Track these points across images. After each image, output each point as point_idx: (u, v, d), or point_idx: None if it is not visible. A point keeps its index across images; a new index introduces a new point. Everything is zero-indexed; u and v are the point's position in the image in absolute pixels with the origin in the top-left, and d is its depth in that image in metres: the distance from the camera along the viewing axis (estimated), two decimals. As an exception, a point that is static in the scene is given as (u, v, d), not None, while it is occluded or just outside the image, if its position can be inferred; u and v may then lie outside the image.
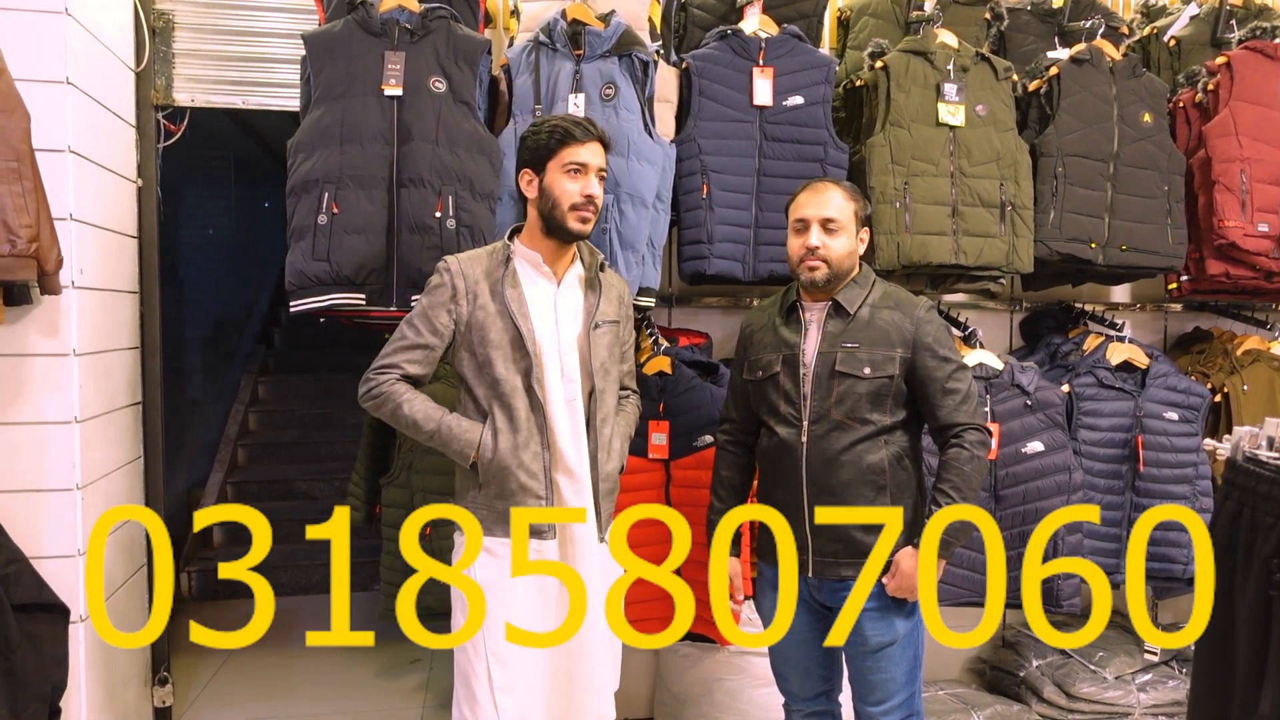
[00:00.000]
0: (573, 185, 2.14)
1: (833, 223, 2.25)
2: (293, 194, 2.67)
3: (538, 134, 2.15)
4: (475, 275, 2.16)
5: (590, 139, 2.16)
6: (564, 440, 2.17)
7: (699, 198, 2.96)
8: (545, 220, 2.16)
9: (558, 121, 2.16)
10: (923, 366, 2.22)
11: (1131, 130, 3.21)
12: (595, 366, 2.20)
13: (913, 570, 2.18)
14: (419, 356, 2.15)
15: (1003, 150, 3.08)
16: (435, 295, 2.16)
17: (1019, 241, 3.08)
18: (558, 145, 2.13)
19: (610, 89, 2.80)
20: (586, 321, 2.22)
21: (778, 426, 2.28)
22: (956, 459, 2.19)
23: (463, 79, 2.74)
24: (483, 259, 2.20)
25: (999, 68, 3.13)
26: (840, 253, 2.25)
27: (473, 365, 2.16)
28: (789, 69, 3.03)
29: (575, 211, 2.14)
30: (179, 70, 3.23)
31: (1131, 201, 3.20)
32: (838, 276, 2.26)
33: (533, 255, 2.20)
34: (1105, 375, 3.23)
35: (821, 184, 2.31)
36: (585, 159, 2.15)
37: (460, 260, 2.18)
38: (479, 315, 2.14)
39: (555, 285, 2.22)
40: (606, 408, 2.25)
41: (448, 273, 2.17)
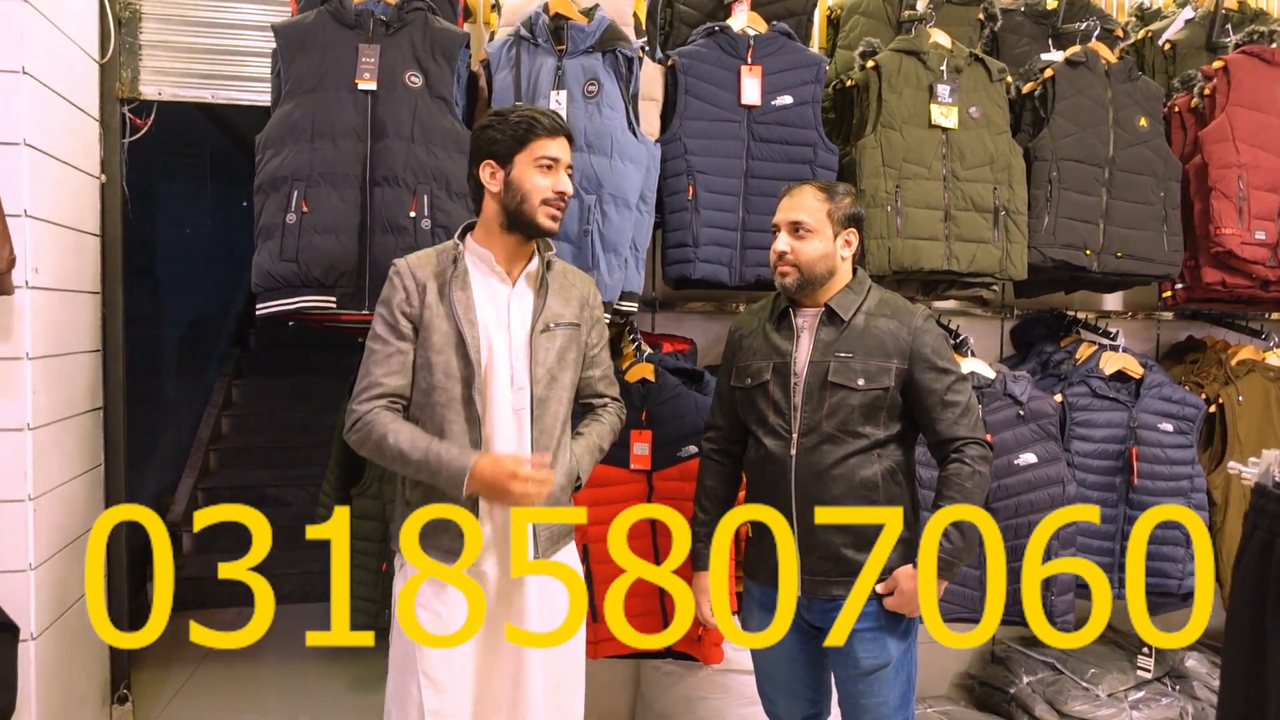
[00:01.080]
0: (544, 180, 2.02)
1: (801, 226, 2.15)
2: (260, 191, 2.56)
3: (502, 124, 2.01)
4: (424, 276, 2.03)
5: (560, 133, 2.04)
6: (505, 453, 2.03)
7: (684, 199, 2.86)
8: (511, 215, 2.03)
9: (526, 112, 2.03)
10: (920, 378, 2.12)
11: (1127, 134, 3.13)
12: (538, 374, 2.04)
13: (913, 589, 2.08)
14: (396, 365, 2.01)
15: (996, 153, 3.00)
16: (391, 301, 2.03)
17: (1013, 247, 3.00)
18: (527, 137, 2.00)
19: (593, 85, 2.70)
20: (533, 323, 2.07)
21: (766, 438, 2.19)
22: (957, 474, 2.10)
23: (440, 74, 2.63)
24: (432, 259, 2.06)
25: (993, 69, 3.05)
26: (810, 256, 2.15)
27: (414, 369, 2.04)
28: (778, 67, 2.94)
29: (546, 207, 2.02)
30: (145, 62, 3.11)
31: (1127, 207, 3.13)
32: (810, 282, 2.16)
33: (485, 254, 2.05)
34: (1099, 385, 3.15)
35: (799, 186, 2.22)
36: (556, 153, 2.02)
37: (410, 261, 2.06)
38: (426, 316, 2.01)
39: (509, 286, 2.08)
40: (549, 418, 2.07)
41: (398, 275, 2.04)
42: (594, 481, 2.76)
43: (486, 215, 2.06)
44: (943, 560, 2.07)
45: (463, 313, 1.99)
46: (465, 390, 1.99)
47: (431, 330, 1.99)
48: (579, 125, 2.67)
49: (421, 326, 2.00)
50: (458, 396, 1.99)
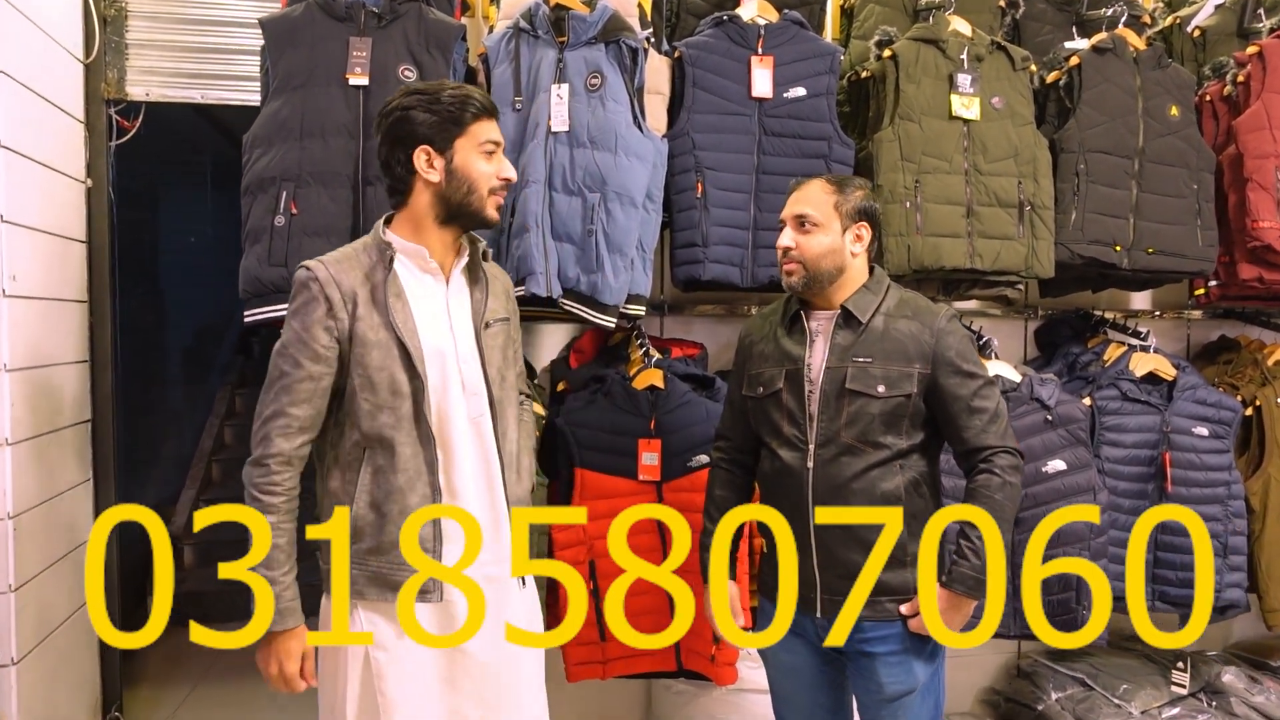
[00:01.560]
0: (488, 167, 1.84)
1: (806, 219, 2.02)
2: (248, 193, 2.44)
3: (433, 104, 1.80)
4: (350, 282, 1.80)
5: (495, 112, 1.87)
6: (464, 470, 1.87)
7: (693, 197, 2.73)
8: (453, 207, 1.85)
9: (456, 90, 1.82)
10: (945, 383, 1.98)
11: (1158, 124, 2.99)
12: (491, 374, 1.90)
13: (942, 610, 1.95)
14: (304, 393, 1.77)
15: (1021, 146, 2.86)
16: (306, 313, 1.78)
17: (1039, 244, 2.86)
18: (464, 119, 1.81)
19: (596, 78, 2.57)
20: (476, 322, 1.91)
21: (780, 449, 2.05)
22: (986, 486, 1.96)
23: (435, 67, 2.50)
24: (356, 260, 1.83)
25: (1016, 57, 2.91)
26: (815, 252, 2.01)
27: (350, 391, 1.81)
28: (790, 58, 2.80)
29: (493, 196, 1.87)
30: (132, 62, 3.00)
31: (1158, 201, 2.99)
32: (816, 279, 2.02)
33: (416, 250, 1.85)
34: (1129, 388, 3.01)
35: (808, 179, 2.09)
36: (499, 135, 1.86)
37: (328, 265, 1.80)
38: (359, 330, 1.79)
39: (445, 283, 1.89)
40: (508, 420, 1.95)
41: (315, 283, 1.78)
42: (600, 493, 2.65)
43: (417, 207, 1.86)
44: (972, 579, 1.94)
45: (401, 321, 1.80)
46: (415, 407, 1.81)
47: (367, 345, 1.79)
48: (582, 120, 2.54)
49: (354, 342, 1.79)
50: (407, 415, 1.80)
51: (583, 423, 2.69)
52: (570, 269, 2.54)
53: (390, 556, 1.81)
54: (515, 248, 2.53)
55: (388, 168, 1.85)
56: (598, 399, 2.72)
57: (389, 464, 1.80)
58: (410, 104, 1.81)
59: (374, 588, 1.81)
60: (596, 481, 2.65)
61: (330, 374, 1.80)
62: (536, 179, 2.53)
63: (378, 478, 1.80)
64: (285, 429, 1.77)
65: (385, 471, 1.80)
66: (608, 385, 2.72)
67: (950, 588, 1.94)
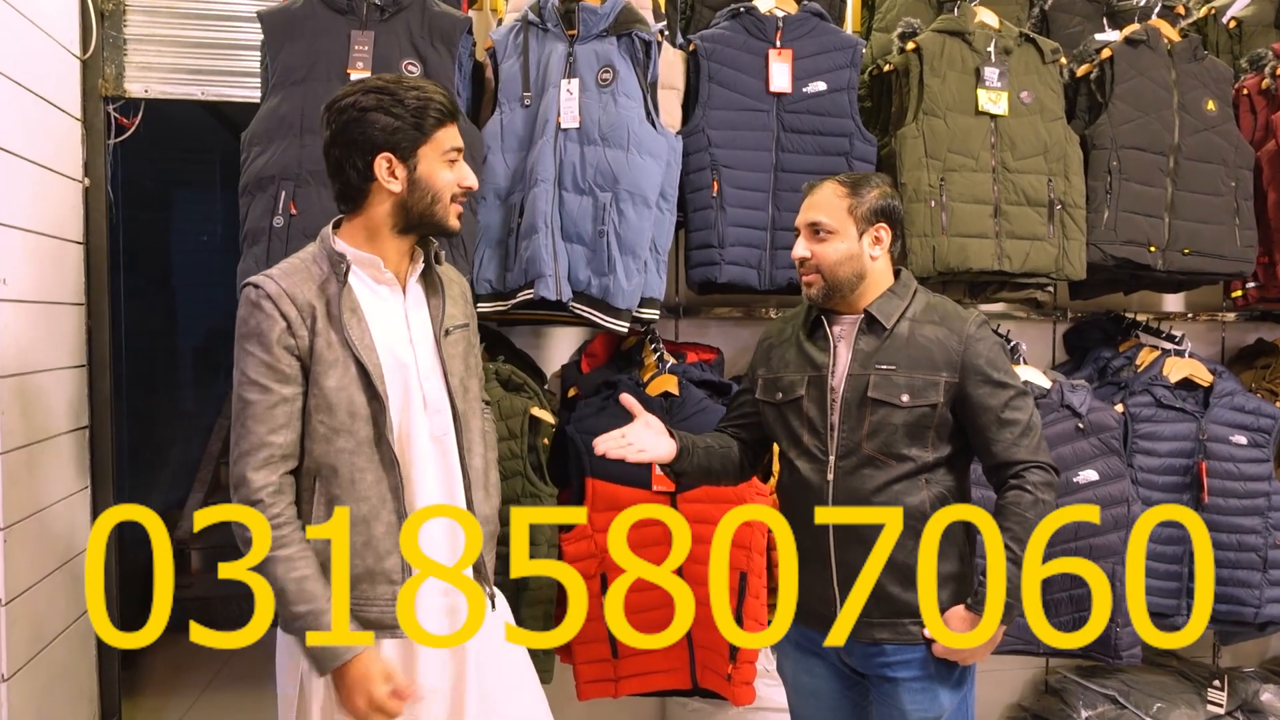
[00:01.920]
0: (451, 175, 1.72)
1: (820, 227, 1.91)
2: (245, 193, 2.36)
3: (395, 106, 1.66)
4: (306, 297, 1.66)
5: (456, 115, 1.76)
6: (426, 494, 1.75)
7: (708, 196, 2.62)
8: (414, 217, 1.73)
9: (425, 91, 1.69)
10: (974, 393, 1.87)
11: (1194, 119, 2.87)
12: (454, 386, 1.79)
13: (967, 635, 1.84)
14: (282, 418, 1.64)
15: (1051, 142, 2.75)
16: (268, 335, 1.63)
17: (1070, 244, 2.74)
18: (427, 124, 1.68)
19: (608, 73, 2.47)
20: (436, 331, 1.79)
21: (799, 460, 1.94)
22: (1017, 503, 1.84)
23: (439, 61, 2.41)
24: (307, 273, 1.69)
25: (1046, 49, 2.80)
26: (832, 259, 1.90)
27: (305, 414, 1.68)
28: (810, 51, 2.69)
29: (455, 205, 1.76)
30: (131, 57, 2.91)
31: (1195, 199, 2.86)
32: (836, 289, 1.92)
33: (370, 259, 1.72)
34: (1164, 394, 2.89)
35: (820, 182, 1.98)
36: (459, 143, 1.74)
37: (278, 279, 1.66)
38: (318, 347, 1.66)
39: (401, 293, 1.77)
40: (473, 433, 1.84)
41: (268, 300, 1.64)
42: (612, 504, 2.56)
43: (374, 216, 1.72)
44: (1005, 604, 1.82)
45: (358, 337, 1.68)
46: (375, 430, 1.69)
47: (325, 364, 1.66)
48: (593, 115, 2.45)
49: (313, 360, 1.66)
50: (367, 439, 1.68)
51: (594, 430, 2.56)
52: (581, 271, 2.45)
53: (357, 591, 1.69)
54: (524, 249, 2.44)
55: (339, 171, 1.71)
56: (610, 405, 2.62)
57: (347, 493, 1.68)
58: (369, 104, 1.67)
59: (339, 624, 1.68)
60: (608, 492, 2.56)
61: (301, 395, 1.67)
62: (546, 178, 2.43)
63: (332, 509, 1.68)
64: (268, 460, 1.64)
65: (342, 502, 1.68)
66: (620, 391, 2.61)
67: (978, 612, 1.83)
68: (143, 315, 5.01)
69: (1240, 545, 2.86)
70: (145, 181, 5.24)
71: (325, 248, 1.72)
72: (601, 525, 2.56)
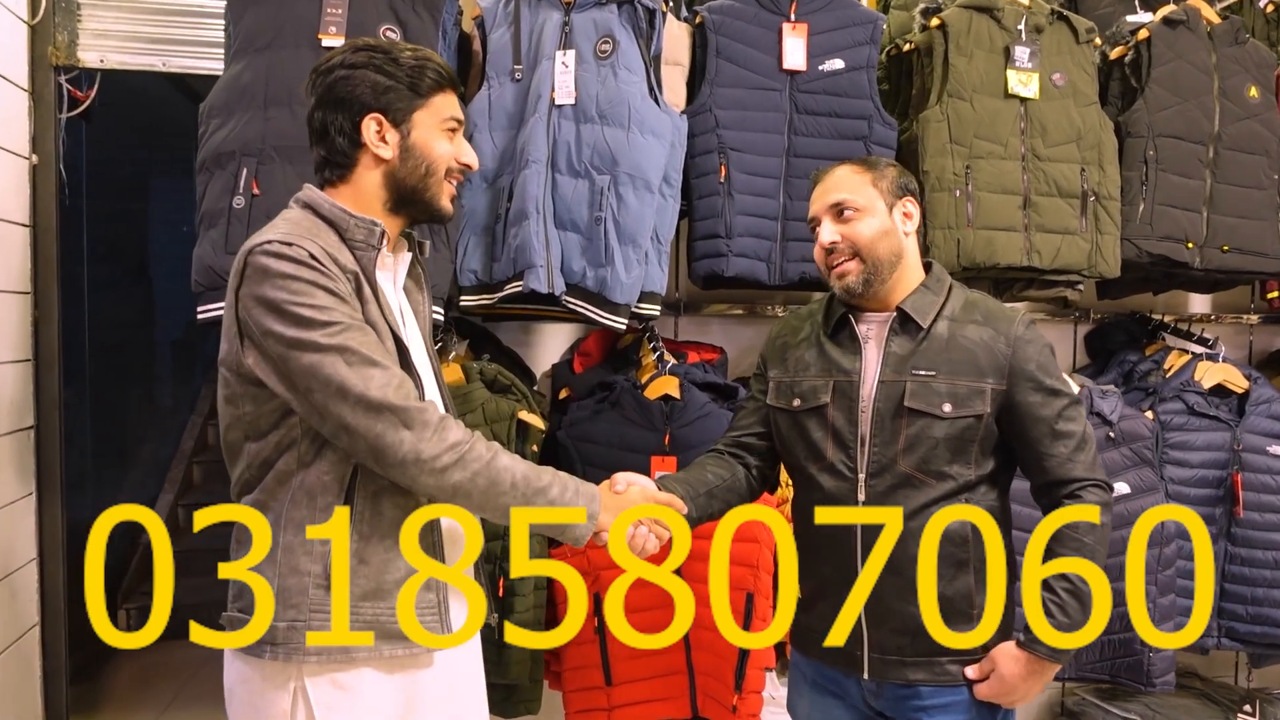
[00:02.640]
0: (449, 148, 1.54)
1: (845, 204, 1.71)
2: (203, 169, 2.14)
3: (390, 65, 1.49)
4: (345, 262, 1.44)
5: (457, 84, 1.58)
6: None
7: (715, 182, 2.41)
8: (405, 191, 1.53)
9: (423, 53, 1.53)
10: (1024, 402, 1.66)
11: (1235, 107, 2.67)
12: (444, 392, 1.64)
13: (1016, 675, 1.63)
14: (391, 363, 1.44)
15: (1084, 128, 2.54)
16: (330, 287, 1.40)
17: (1104, 239, 2.54)
18: (424, 87, 1.50)
19: (607, 44, 2.26)
20: (423, 326, 1.63)
21: (823, 477, 1.73)
22: (1074, 527, 1.64)
23: (421, 27, 2.19)
24: (328, 235, 1.46)
25: (1080, 28, 2.59)
26: (867, 236, 1.69)
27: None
28: (826, 26, 2.48)
29: (449, 184, 1.57)
30: (85, 24, 2.67)
31: (1234, 193, 2.67)
32: (877, 272, 1.70)
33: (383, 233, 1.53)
34: (1196, 401, 2.71)
35: (828, 169, 1.78)
36: (459, 113, 1.56)
37: (304, 242, 1.40)
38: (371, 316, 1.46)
39: (394, 281, 1.61)
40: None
41: (314, 260, 1.39)
42: (607, 517, 2.34)
43: (363, 187, 1.52)
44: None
45: (390, 312, 1.50)
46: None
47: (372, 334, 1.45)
48: (590, 91, 2.24)
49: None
50: None
51: (588, 436, 2.38)
52: (575, 262, 2.24)
53: (394, 599, 1.47)
54: (513, 237, 2.22)
55: (323, 135, 1.51)
56: (605, 409, 2.41)
57: (391, 486, 1.45)
58: (359, 61, 1.48)
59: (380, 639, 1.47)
60: (603, 504, 2.34)
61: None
62: (538, 159, 2.22)
63: (376, 503, 1.46)
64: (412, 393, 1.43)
65: (387, 495, 1.46)
66: (616, 394, 2.41)
67: (1030, 650, 1.62)
68: (112, 306, 4.78)
69: (1277, 563, 2.67)
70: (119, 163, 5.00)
71: (329, 213, 1.49)
72: (595, 540, 2.34)
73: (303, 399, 1.39)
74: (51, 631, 2.74)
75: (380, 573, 1.46)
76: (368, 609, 1.45)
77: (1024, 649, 1.63)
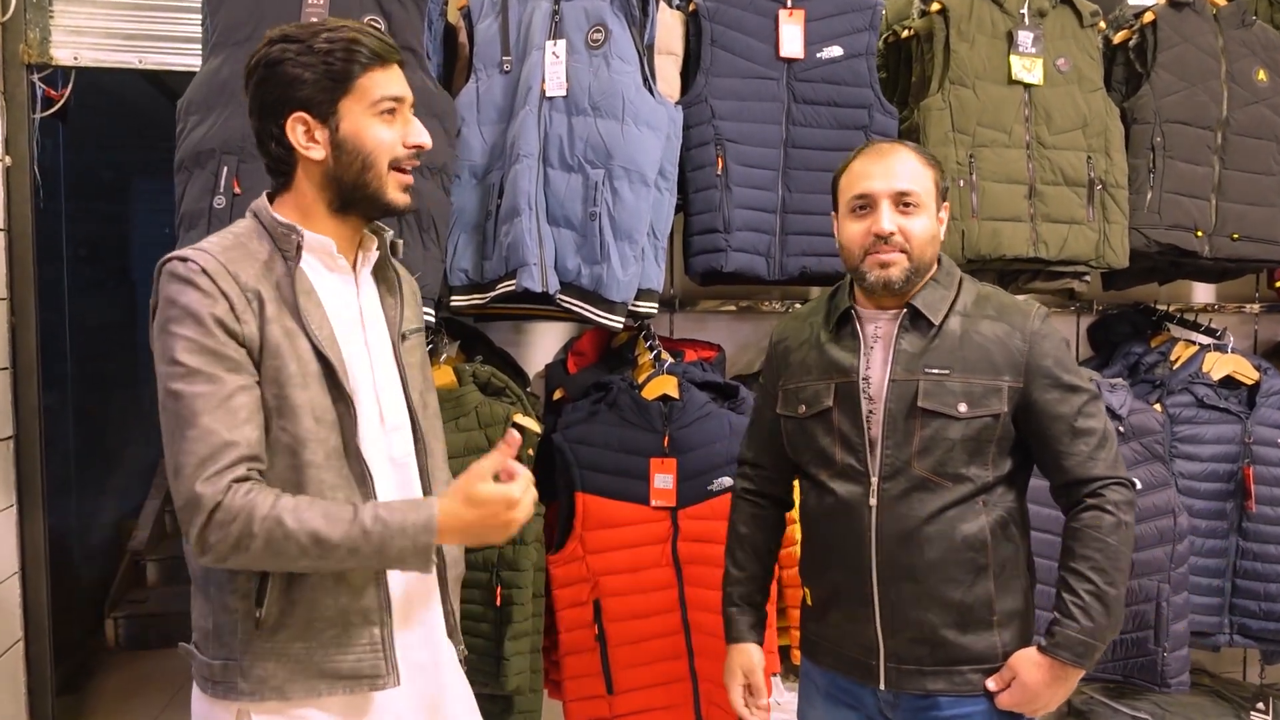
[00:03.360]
0: (390, 133, 1.40)
1: (909, 197, 1.62)
2: (182, 169, 2.06)
3: (306, 54, 1.35)
4: (250, 277, 1.34)
5: (393, 56, 1.42)
6: None
7: (712, 174, 2.34)
8: (346, 190, 1.41)
9: (342, 33, 1.37)
10: (1042, 399, 1.60)
11: (1243, 91, 2.62)
12: (414, 400, 1.52)
13: (1039, 682, 1.57)
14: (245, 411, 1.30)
15: (1090, 115, 2.48)
16: (203, 317, 1.30)
17: (1111, 229, 2.49)
18: (349, 70, 1.36)
19: (599, 33, 2.18)
20: (393, 334, 1.51)
21: (834, 482, 1.66)
22: (1096, 526, 1.57)
23: (406, 18, 2.11)
24: (246, 250, 1.37)
25: (1084, 12, 2.53)
26: (922, 239, 1.63)
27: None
28: (824, 12, 2.41)
29: (397, 175, 1.44)
30: (58, 20, 2.58)
31: (1244, 179, 2.62)
32: (918, 273, 1.64)
33: (321, 242, 1.42)
34: (1205, 393, 2.65)
35: (887, 145, 1.70)
36: (399, 89, 1.41)
37: (215, 255, 1.33)
38: (269, 336, 1.34)
39: (355, 284, 1.50)
40: (436, 458, 1.58)
41: (204, 275, 1.30)
42: (606, 522, 2.28)
43: (303, 191, 1.42)
44: (1080, 644, 1.55)
45: (317, 326, 1.38)
46: (343, 438, 1.39)
47: (281, 357, 1.34)
48: (582, 82, 2.17)
49: (264, 353, 1.34)
50: (336, 449, 1.37)
51: (584, 439, 2.31)
52: (570, 259, 2.17)
53: (327, 637, 1.38)
54: (504, 234, 2.15)
55: (260, 143, 1.42)
56: (601, 410, 2.34)
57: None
58: (274, 56, 1.37)
59: (302, 680, 1.37)
60: (601, 508, 2.28)
61: (257, 386, 1.34)
62: (529, 152, 2.15)
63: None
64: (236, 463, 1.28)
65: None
66: (613, 394, 2.34)
67: (1053, 655, 1.56)
68: (93, 309, 4.68)
69: (1286, 558, 2.62)
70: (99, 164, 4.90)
71: (266, 220, 1.41)
72: (594, 545, 2.28)
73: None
74: (36, 646, 2.67)
75: (310, 610, 1.37)
76: (299, 649, 1.37)
77: (1046, 654, 1.57)
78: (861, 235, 1.64)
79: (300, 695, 1.36)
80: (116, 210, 5.72)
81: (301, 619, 1.36)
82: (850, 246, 1.66)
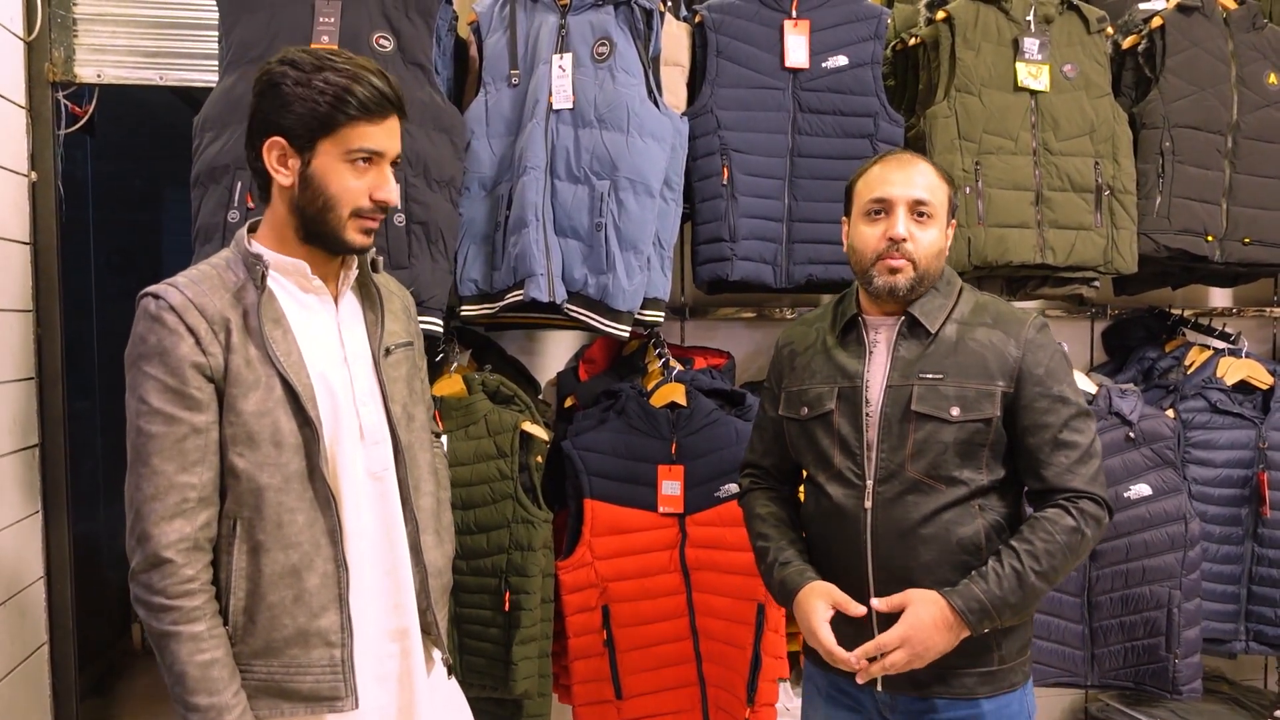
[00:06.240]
0: (358, 183, 1.42)
1: (924, 207, 1.65)
2: (197, 184, 2.10)
3: (305, 85, 1.38)
4: (217, 309, 1.39)
5: (389, 109, 1.43)
6: (361, 542, 1.48)
7: (718, 184, 2.36)
8: (308, 221, 1.45)
9: (352, 72, 1.39)
10: (1029, 407, 1.61)
11: (1254, 95, 2.61)
12: (395, 414, 1.54)
13: (923, 620, 1.55)
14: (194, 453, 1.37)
15: (1098, 120, 2.49)
16: (168, 354, 1.36)
17: (1119, 234, 2.49)
18: (336, 116, 1.38)
19: (604, 46, 2.21)
20: (374, 349, 1.54)
21: (831, 485, 1.68)
22: (1054, 521, 1.58)
23: (415, 35, 2.15)
24: (219, 280, 1.42)
25: (1091, 18, 2.54)
26: (930, 250, 1.65)
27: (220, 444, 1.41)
28: (830, 22, 2.43)
29: (358, 220, 1.46)
30: (81, 39, 2.64)
31: (1255, 183, 2.61)
32: (922, 283, 1.66)
33: (294, 265, 1.46)
34: (1220, 398, 2.64)
35: (907, 155, 1.73)
36: (381, 144, 1.43)
37: (183, 288, 1.39)
38: (234, 366, 1.38)
39: (334, 304, 1.54)
40: (420, 471, 1.60)
41: (170, 312, 1.36)
42: (614, 528, 2.31)
43: (276, 214, 1.47)
44: (979, 607, 1.54)
45: (284, 353, 1.41)
46: (306, 462, 1.42)
47: (244, 385, 1.39)
48: (588, 95, 2.19)
49: (228, 381, 1.38)
50: (297, 473, 1.41)
51: (593, 446, 2.33)
52: (577, 269, 2.19)
53: (287, 657, 1.42)
54: (512, 245, 2.18)
55: (248, 157, 1.46)
56: (610, 418, 2.37)
57: (273, 539, 1.40)
58: (276, 78, 1.40)
59: (265, 698, 1.42)
60: (609, 515, 2.30)
61: (215, 425, 1.39)
62: (536, 165, 2.18)
63: (257, 558, 1.40)
64: (180, 508, 1.36)
65: (268, 549, 1.40)
66: (622, 402, 2.36)
67: (949, 599, 1.55)
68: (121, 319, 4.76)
69: (1305, 562, 2.60)
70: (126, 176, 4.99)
71: (240, 250, 1.46)
72: (602, 552, 2.31)
73: None
74: (61, 650, 2.72)
75: (269, 629, 1.41)
76: (260, 667, 1.42)
77: (945, 597, 1.56)
78: (875, 239, 1.66)
79: (266, 712, 1.42)
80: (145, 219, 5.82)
81: (262, 638, 1.41)
82: (862, 249, 1.68)
